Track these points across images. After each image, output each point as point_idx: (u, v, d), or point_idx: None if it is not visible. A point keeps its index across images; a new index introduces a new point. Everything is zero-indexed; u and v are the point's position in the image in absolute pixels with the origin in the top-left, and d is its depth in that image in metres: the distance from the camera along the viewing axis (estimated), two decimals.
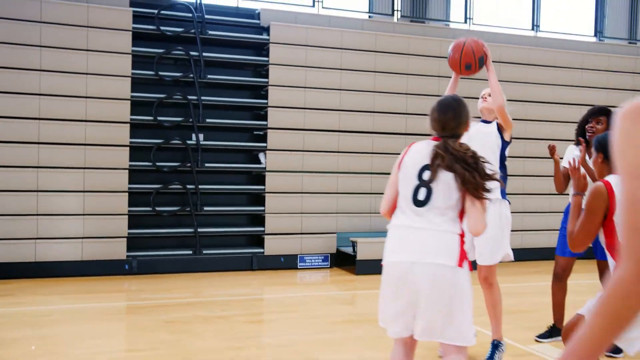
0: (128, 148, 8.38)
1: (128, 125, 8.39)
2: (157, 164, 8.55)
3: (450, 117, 3.14)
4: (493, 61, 10.18)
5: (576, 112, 10.56)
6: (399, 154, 3.04)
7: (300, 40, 9.20)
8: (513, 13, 12.04)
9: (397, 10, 10.86)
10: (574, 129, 5.44)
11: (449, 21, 11.28)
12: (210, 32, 8.87)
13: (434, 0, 11.29)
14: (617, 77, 11.18)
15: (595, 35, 12.23)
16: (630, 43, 12.32)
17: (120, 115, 8.34)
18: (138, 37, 8.58)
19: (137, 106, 8.53)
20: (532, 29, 11.73)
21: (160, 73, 8.63)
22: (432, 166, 3.02)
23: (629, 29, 12.62)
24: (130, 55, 8.42)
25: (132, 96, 8.43)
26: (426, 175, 3.04)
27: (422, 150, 3.12)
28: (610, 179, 3.16)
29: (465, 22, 11.23)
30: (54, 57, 8.05)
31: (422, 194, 3.05)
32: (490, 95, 4.80)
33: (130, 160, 8.41)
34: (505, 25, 11.53)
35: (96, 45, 8.24)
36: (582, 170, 3.54)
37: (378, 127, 9.58)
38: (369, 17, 10.53)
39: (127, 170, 8.37)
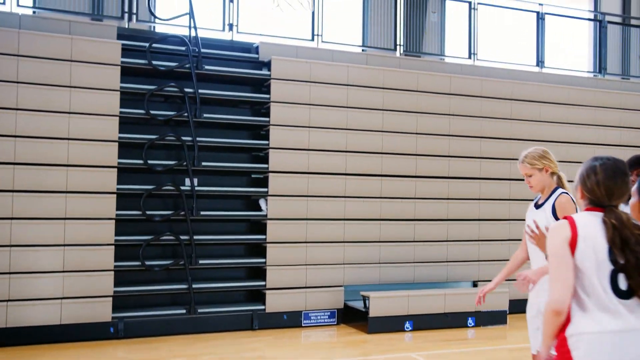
0: (115, 195, 7.48)
1: (115, 169, 7.50)
2: (147, 212, 7.65)
3: (619, 183, 2.51)
4: (499, 98, 9.71)
5: (592, 152, 10.04)
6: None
7: (304, 76, 8.47)
8: (517, 48, 11.58)
9: (400, 45, 10.29)
10: None
11: (445, 55, 10.76)
12: (207, 67, 8.09)
13: (430, 34, 10.82)
14: (630, 115, 10.69)
15: (600, 71, 11.81)
16: (623, 79, 11.92)
17: (107, 159, 7.45)
18: (127, 73, 7.74)
19: (125, 148, 7.66)
20: (537, 64, 11.25)
21: (152, 112, 7.79)
22: (625, 245, 2.39)
23: (621, 65, 12.26)
24: (119, 92, 7.57)
25: (120, 137, 7.56)
26: (620, 256, 2.39)
27: (594, 226, 2.46)
28: None
29: (470, 57, 10.70)
30: (32, 94, 7.16)
31: (623, 282, 2.39)
32: (531, 178, 3.99)
33: (117, 209, 7.50)
34: (509, 61, 11.03)
35: (80, 82, 7.38)
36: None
37: (387, 169, 8.84)
38: (362, 50, 9.90)
39: (113, 221, 7.45)
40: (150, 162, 7.71)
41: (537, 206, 3.99)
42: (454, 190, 9.23)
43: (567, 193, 3.89)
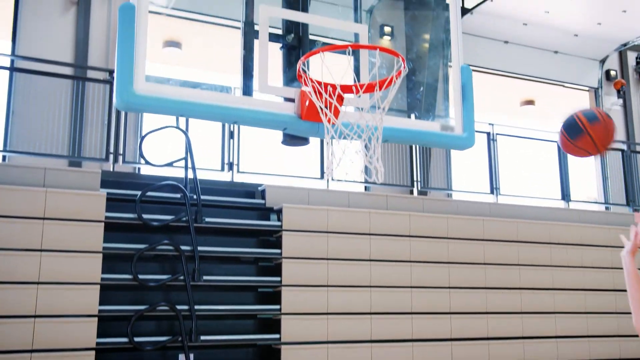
0: None
1: (93, 352, 5.99)
2: None
3: None
4: (522, 241, 8.54)
5: None
6: None
7: (320, 226, 7.24)
8: (539, 181, 10.69)
9: (417, 181, 9.27)
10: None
11: (453, 190, 9.75)
12: (208, 220, 6.83)
13: (437, 169, 9.84)
14: None
15: (628, 204, 10.88)
16: (635, 210, 10.96)
17: (83, 340, 5.95)
18: (111, 228, 6.44)
19: (106, 322, 6.20)
20: (562, 198, 10.27)
21: (140, 276, 6.40)
22: None
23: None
24: (101, 255, 6.21)
25: (100, 310, 6.11)
26: None
27: None
28: None
29: (492, 192, 9.69)
30: None
31: None
32: None
33: None
34: (533, 196, 10.08)
35: (55, 244, 6.03)
36: None
37: (418, 332, 7.46)
38: (365, 188, 8.83)
39: None
40: (137, 339, 6.22)
41: None
42: (495, 353, 7.84)
43: None
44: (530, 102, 14.44)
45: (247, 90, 3.79)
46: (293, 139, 4.05)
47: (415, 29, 6.71)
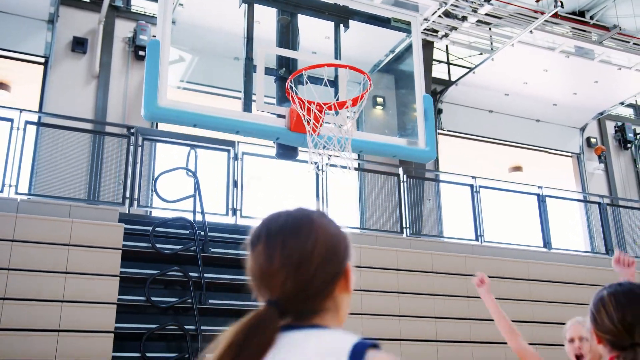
0: None
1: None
2: None
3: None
4: (516, 278, 9.29)
5: None
6: None
7: None
8: (523, 229, 11.44)
9: (406, 228, 10.05)
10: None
11: (444, 237, 10.54)
12: (213, 250, 7.62)
13: (428, 219, 10.65)
14: None
15: (607, 253, 11.58)
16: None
17: (101, 354, 6.61)
18: (127, 257, 7.22)
19: (121, 341, 6.86)
20: (544, 246, 11.00)
21: (153, 299, 7.12)
22: None
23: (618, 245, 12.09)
24: (118, 279, 6.97)
25: (116, 327, 6.80)
26: None
27: None
28: None
29: (477, 239, 10.45)
30: (23, 281, 6.53)
31: None
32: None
33: None
34: (516, 242, 10.81)
35: (77, 267, 6.81)
36: None
37: (406, 358, 8.05)
38: (361, 232, 9.62)
39: None
40: (148, 354, 6.88)
41: None
42: None
43: None
44: (518, 169, 15.35)
45: (247, 108, 4.72)
46: (285, 152, 4.93)
47: (404, 96, 7.75)
